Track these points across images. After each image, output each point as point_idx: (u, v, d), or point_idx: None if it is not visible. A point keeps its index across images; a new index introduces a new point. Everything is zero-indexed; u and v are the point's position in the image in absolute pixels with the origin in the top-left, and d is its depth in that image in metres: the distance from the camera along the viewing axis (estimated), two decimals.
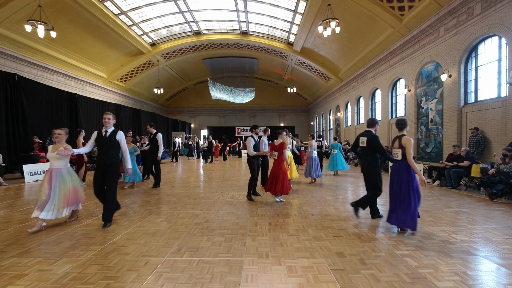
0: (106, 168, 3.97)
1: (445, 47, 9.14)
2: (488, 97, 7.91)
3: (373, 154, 4.20)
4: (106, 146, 3.96)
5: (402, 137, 3.72)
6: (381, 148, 4.18)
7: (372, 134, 4.26)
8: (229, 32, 17.90)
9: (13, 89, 9.65)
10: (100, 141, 4.03)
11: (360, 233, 3.62)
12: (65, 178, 3.91)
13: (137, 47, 16.62)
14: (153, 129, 7.33)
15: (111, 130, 4.07)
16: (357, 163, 13.69)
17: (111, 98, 18.44)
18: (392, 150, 3.88)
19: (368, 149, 4.21)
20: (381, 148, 4.18)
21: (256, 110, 29.67)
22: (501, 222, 4.10)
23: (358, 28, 12.61)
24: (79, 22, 12.45)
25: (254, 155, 5.61)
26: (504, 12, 7.00)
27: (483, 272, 2.54)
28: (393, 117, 13.01)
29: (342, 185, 7.74)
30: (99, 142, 4.04)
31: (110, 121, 4.04)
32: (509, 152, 5.96)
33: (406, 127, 3.84)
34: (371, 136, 4.21)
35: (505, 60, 7.30)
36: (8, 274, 2.51)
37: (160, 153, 7.16)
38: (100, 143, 4.02)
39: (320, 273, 2.53)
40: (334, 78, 18.61)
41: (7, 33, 10.59)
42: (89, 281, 2.39)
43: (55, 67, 13.51)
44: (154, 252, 3.00)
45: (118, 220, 4.23)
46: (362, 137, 4.31)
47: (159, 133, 7.26)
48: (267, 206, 5.19)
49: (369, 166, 4.22)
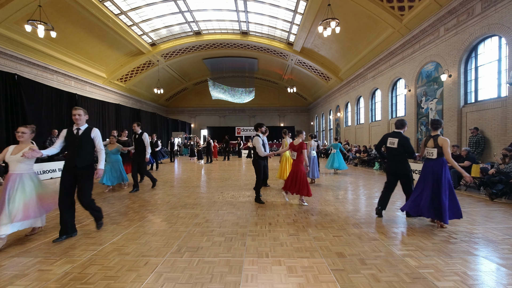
0: (78, 171, 3.45)
1: (445, 47, 9.14)
2: (488, 97, 7.91)
3: (403, 155, 4.27)
4: (78, 146, 3.46)
5: (438, 137, 3.91)
6: (412, 149, 4.24)
7: (403, 135, 4.31)
8: (229, 32, 17.90)
9: (13, 89, 9.64)
10: (71, 140, 3.49)
11: (360, 233, 3.62)
12: (25, 186, 3.25)
13: (137, 47, 16.63)
14: (139, 129, 6.78)
15: (84, 127, 3.57)
16: (357, 163, 13.69)
17: (111, 98, 18.44)
18: (425, 149, 4.07)
19: (398, 150, 4.25)
20: (412, 149, 4.24)
21: (256, 110, 29.68)
22: (501, 222, 4.10)
23: (358, 28, 12.61)
24: (79, 22, 12.45)
25: (265, 155, 5.35)
26: (504, 12, 7.00)
27: (483, 272, 2.54)
28: (393, 117, 13.01)
29: (342, 185, 7.74)
30: (70, 141, 3.49)
31: (81, 117, 3.52)
32: (509, 152, 5.96)
33: (441, 127, 4.03)
34: (402, 137, 4.26)
35: (505, 60, 7.31)
36: (8, 274, 2.51)
37: (148, 154, 6.67)
38: (71, 142, 3.48)
39: (320, 273, 2.53)
40: (334, 78, 18.61)
41: (7, 33, 10.59)
42: (89, 281, 2.39)
43: (55, 67, 13.52)
44: (154, 252, 3.00)
45: (118, 220, 4.23)
46: (392, 138, 4.33)
47: (145, 133, 6.77)
48: (266, 206, 5.19)
49: (401, 167, 4.28)
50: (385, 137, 4.44)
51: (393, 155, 4.31)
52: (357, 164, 13.72)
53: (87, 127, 3.59)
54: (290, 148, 5.43)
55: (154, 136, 12.34)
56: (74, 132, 3.51)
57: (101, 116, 14.71)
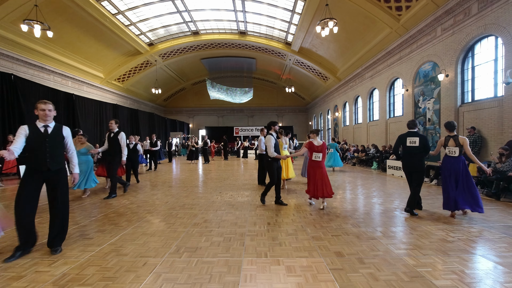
0: (52, 176, 3.01)
1: (442, 47, 9.19)
2: (485, 96, 7.96)
3: (423, 153, 4.54)
4: (51, 147, 2.99)
5: (458, 137, 4.36)
6: (429, 146, 4.60)
7: (421, 134, 4.67)
8: (227, 32, 17.87)
9: (10, 90, 9.57)
10: (38, 140, 2.96)
11: (358, 232, 3.63)
12: None
13: (135, 47, 16.56)
14: (116, 127, 6.04)
15: (53, 124, 3.12)
16: (355, 162, 13.73)
17: (108, 98, 18.35)
18: (447, 148, 4.48)
19: (419, 148, 4.53)
20: (429, 146, 4.60)
21: (254, 110, 29.67)
22: (498, 221, 4.13)
23: (356, 28, 12.64)
24: (76, 21, 12.37)
25: (274, 156, 4.96)
26: (500, 12, 7.05)
27: (481, 271, 2.56)
28: (391, 117, 13.06)
29: (340, 184, 7.76)
30: (36, 141, 2.95)
31: (51, 112, 3.08)
32: (505, 151, 6.00)
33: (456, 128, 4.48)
34: (421, 136, 4.60)
35: (501, 60, 7.35)
36: (5, 275, 2.49)
37: (124, 157, 5.99)
38: (38, 142, 2.95)
39: (318, 272, 2.54)
40: (332, 78, 18.65)
41: (3, 32, 10.50)
42: (87, 282, 2.38)
43: (51, 67, 13.42)
44: (152, 253, 2.99)
45: (116, 221, 4.21)
46: (412, 137, 4.61)
47: (122, 132, 6.06)
48: (266, 206, 5.19)
49: (421, 164, 4.61)
50: (403, 137, 4.70)
51: (414, 154, 4.57)
52: (355, 163, 13.76)
53: (56, 125, 3.14)
54: (312, 150, 5.00)
55: (154, 136, 12.32)
56: (42, 130, 3.02)
57: (99, 117, 14.65)
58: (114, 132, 6.00)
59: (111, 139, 5.99)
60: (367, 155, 13.07)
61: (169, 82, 24.72)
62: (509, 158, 5.87)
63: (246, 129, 27.29)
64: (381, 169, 11.11)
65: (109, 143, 6.02)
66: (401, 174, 9.16)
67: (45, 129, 3.05)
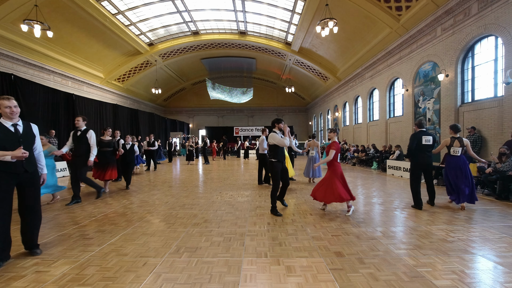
0: (28, 178, 2.85)
1: (442, 47, 9.19)
2: (485, 96, 7.96)
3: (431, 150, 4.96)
4: (25, 147, 2.77)
5: (462, 139, 4.88)
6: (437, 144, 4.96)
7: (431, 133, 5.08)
8: (227, 32, 17.88)
9: (10, 90, 9.56)
10: (8, 139, 2.71)
11: (358, 232, 3.63)
12: None
13: (135, 47, 16.56)
14: (84, 124, 5.47)
15: (21, 122, 2.88)
16: (355, 162, 13.73)
17: (108, 98, 18.35)
18: (451, 148, 4.91)
19: (433, 146, 4.95)
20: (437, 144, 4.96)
21: (254, 110, 29.67)
22: (497, 221, 4.13)
23: (356, 28, 12.65)
24: (76, 21, 12.37)
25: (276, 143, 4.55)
26: (500, 12, 7.05)
27: (481, 271, 2.56)
28: (391, 117, 13.06)
29: None
30: (9, 142, 2.70)
31: (17, 109, 2.80)
32: (506, 151, 6.00)
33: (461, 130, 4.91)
34: (432, 134, 5.01)
35: (501, 59, 7.36)
36: (5, 275, 2.49)
37: (92, 157, 5.44)
38: (11, 143, 2.71)
39: (318, 272, 2.54)
40: (332, 78, 18.65)
41: (3, 33, 10.50)
42: (88, 282, 2.38)
43: (52, 67, 13.43)
44: (152, 253, 2.99)
45: (116, 221, 4.21)
46: (427, 136, 4.93)
47: (91, 131, 5.49)
48: (265, 206, 5.19)
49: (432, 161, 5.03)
50: (418, 136, 4.92)
51: (427, 151, 4.92)
52: (355, 163, 13.76)
53: (25, 123, 2.91)
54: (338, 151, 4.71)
55: (152, 136, 12.31)
56: (13, 130, 2.76)
57: (99, 117, 14.63)
58: (82, 130, 5.43)
59: (77, 138, 5.40)
60: (367, 155, 13.08)
61: (169, 82, 24.72)
62: (509, 158, 5.88)
63: (246, 129, 27.29)
64: (381, 169, 11.11)
65: (76, 142, 5.43)
66: (401, 174, 9.16)
67: (15, 128, 2.79)
